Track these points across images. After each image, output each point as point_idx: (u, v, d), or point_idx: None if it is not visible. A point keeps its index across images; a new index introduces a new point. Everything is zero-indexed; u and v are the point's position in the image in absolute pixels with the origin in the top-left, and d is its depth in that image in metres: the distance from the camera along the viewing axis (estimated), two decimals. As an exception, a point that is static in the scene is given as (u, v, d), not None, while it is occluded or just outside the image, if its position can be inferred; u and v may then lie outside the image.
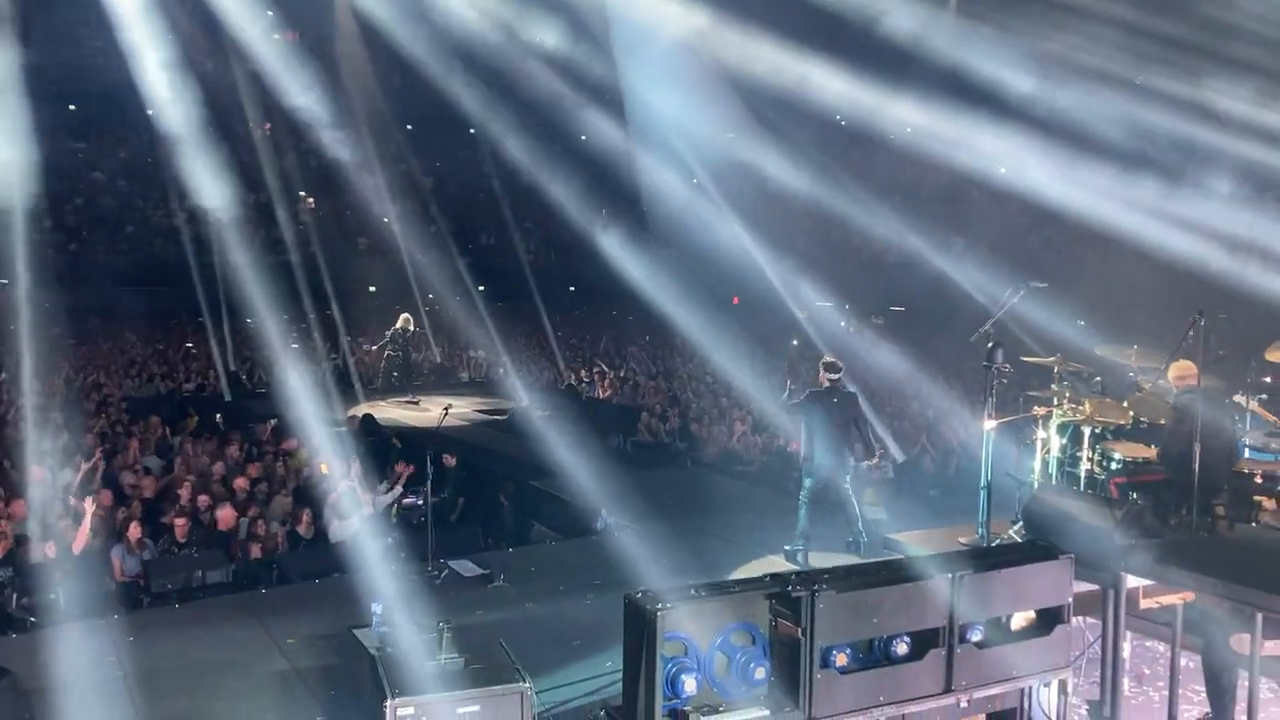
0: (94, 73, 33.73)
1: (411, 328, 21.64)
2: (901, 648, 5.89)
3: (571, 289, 34.14)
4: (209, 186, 20.01)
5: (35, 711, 6.62)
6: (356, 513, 11.47)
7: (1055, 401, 9.83)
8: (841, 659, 5.74)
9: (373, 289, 29.03)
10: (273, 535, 11.47)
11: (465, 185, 37.45)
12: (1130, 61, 18.37)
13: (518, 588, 9.91)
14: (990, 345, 9.37)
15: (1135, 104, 18.20)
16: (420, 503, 12.11)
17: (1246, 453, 9.08)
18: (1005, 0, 19.69)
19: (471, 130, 31.70)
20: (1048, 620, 6.29)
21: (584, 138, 27.98)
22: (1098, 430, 9.28)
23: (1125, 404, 9.53)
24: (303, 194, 32.93)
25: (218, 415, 17.52)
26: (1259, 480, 8.30)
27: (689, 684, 5.51)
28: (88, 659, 8.11)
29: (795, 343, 23.93)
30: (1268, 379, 10.55)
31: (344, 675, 7.85)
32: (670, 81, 24.71)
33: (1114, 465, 9.11)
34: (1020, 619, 6.37)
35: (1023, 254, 27.36)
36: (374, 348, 21.80)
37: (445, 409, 13.00)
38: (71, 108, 34.31)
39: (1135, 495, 8.49)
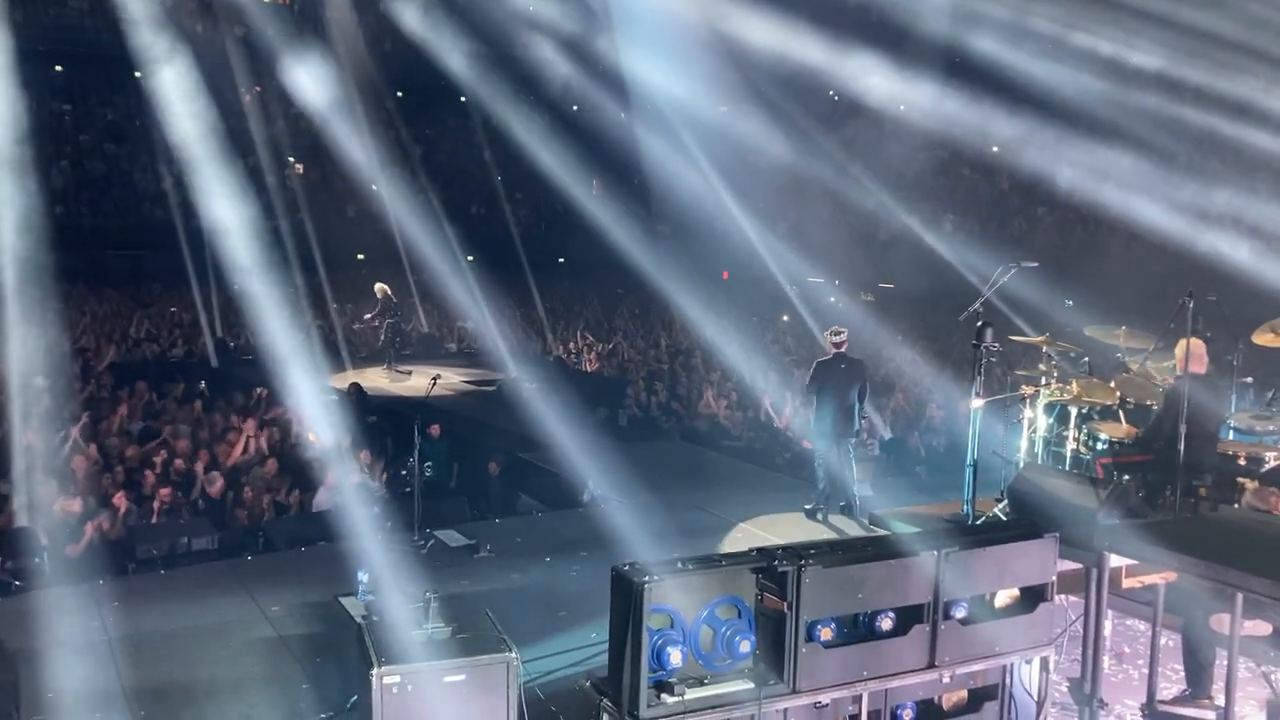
0: (80, 34, 33.43)
1: (393, 296, 21.43)
2: (886, 623, 5.93)
3: (561, 260, 34.04)
4: (198, 154, 19.79)
5: (19, 675, 6.62)
6: (343, 481, 11.45)
7: (1043, 381, 9.86)
8: (826, 633, 5.77)
9: (361, 256, 28.89)
10: (259, 502, 11.47)
11: (455, 154, 37.25)
12: (1124, 40, 18.33)
13: (504, 558, 9.93)
14: (979, 324, 9.38)
15: (1127, 83, 18.18)
16: (405, 472, 12.13)
17: (1231, 435, 9.13)
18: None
19: (462, 99, 31.48)
20: (1031, 598, 6.34)
21: (576, 108, 27.83)
22: (1084, 410, 9.31)
23: (1112, 384, 9.55)
24: (291, 159, 32.67)
25: (203, 382, 17.44)
26: (1242, 462, 8.34)
27: (674, 656, 5.53)
28: (72, 623, 8.09)
29: (785, 318, 23.93)
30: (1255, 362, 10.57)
31: (330, 643, 7.85)
32: (665, 54, 24.55)
33: (1100, 445, 9.15)
34: (1004, 596, 6.41)
35: (1012, 232, 27.43)
36: (374, 321, 21.48)
37: (433, 379, 13.04)
38: (58, 69, 33.91)
39: (1120, 475, 8.52)
